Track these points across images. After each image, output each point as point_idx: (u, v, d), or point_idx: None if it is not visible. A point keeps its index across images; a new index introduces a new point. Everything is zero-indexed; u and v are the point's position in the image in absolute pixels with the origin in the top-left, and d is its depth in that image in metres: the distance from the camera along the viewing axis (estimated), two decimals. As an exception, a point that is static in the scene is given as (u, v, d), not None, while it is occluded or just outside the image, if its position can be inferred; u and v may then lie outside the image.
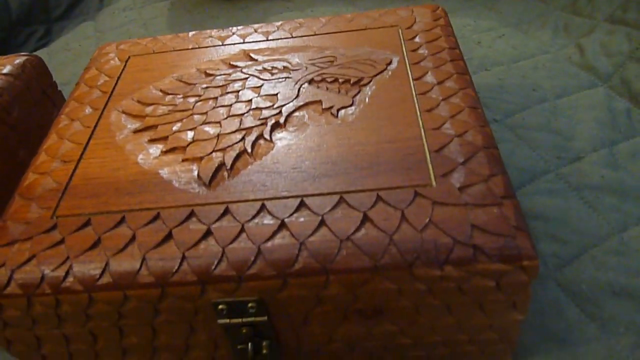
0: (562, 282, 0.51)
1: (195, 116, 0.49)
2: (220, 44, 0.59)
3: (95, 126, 0.50)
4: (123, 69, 0.57)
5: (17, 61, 0.66)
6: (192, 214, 0.40)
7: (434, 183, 0.39)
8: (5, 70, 0.64)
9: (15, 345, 0.43)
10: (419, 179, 0.40)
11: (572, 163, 0.63)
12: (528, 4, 0.96)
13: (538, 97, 0.73)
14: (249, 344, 0.41)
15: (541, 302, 0.50)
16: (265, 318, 0.39)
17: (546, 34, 0.87)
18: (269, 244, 0.37)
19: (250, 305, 0.38)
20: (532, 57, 0.81)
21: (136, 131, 0.49)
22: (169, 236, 0.39)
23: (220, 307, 0.38)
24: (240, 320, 0.39)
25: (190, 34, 0.62)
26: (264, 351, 0.41)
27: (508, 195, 0.38)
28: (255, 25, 0.62)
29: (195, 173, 0.43)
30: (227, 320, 0.39)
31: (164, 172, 0.44)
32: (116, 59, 0.59)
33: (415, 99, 0.47)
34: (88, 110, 0.53)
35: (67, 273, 0.38)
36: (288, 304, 0.38)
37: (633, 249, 0.53)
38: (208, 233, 0.39)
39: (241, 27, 0.62)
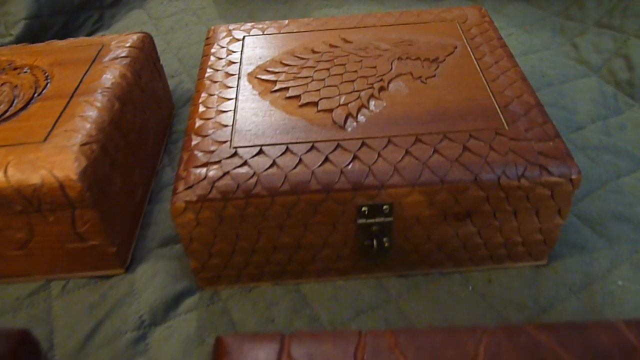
0: (577, 212, 0.70)
1: (315, 82, 0.65)
2: (317, 29, 0.75)
3: (237, 86, 0.65)
4: (243, 46, 0.73)
5: (136, 37, 0.80)
6: (338, 145, 0.56)
7: (506, 127, 0.57)
8: (129, 44, 0.78)
9: (193, 244, 0.58)
10: (496, 125, 0.57)
11: (576, 131, 0.82)
12: (529, 9, 1.16)
13: (546, 82, 0.92)
14: (374, 241, 0.57)
15: (564, 229, 0.68)
16: (392, 219, 0.56)
17: (546, 34, 1.07)
18: (401, 164, 0.54)
19: (384, 207, 0.54)
20: (537, 52, 1.01)
21: (272, 91, 0.64)
22: (326, 159, 0.55)
23: (363, 208, 0.54)
24: (374, 220, 0.55)
25: (286, 21, 0.78)
26: (386, 245, 0.57)
27: (557, 135, 0.56)
28: (340, 17, 0.78)
29: (331, 120, 0.59)
30: (364, 220, 0.55)
31: (305, 119, 0.60)
32: (232, 38, 0.75)
33: (481, 72, 0.65)
34: (224, 75, 0.68)
35: (256, 183, 0.54)
36: (410, 207, 0.55)
37: (626, 190, 0.72)
38: (355, 157, 0.55)
39: (329, 17, 0.78)
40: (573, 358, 0.38)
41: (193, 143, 0.59)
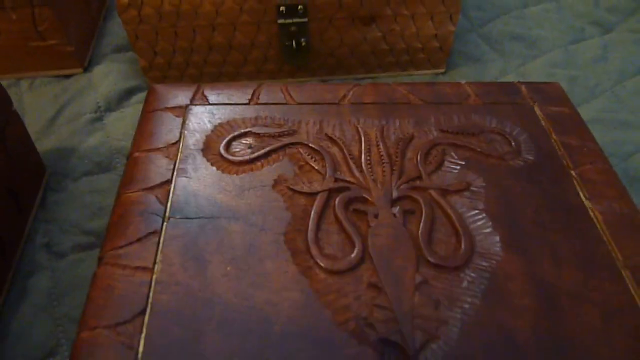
0: (481, 33, 0.80)
1: None
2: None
3: None
4: None
5: None
6: (261, -48, 0.64)
7: None
8: None
9: (139, 41, 0.68)
10: None
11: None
12: None
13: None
14: (293, 41, 0.68)
15: (465, 46, 0.79)
16: (306, 19, 0.65)
17: None
18: (313, -33, 0.62)
19: (299, 7, 0.64)
20: None
21: None
22: (249, -38, 0.63)
23: (281, 8, 0.64)
24: (292, 20, 0.65)
25: None
26: (303, 44, 0.68)
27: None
28: None
29: None
30: (284, 20, 0.65)
31: None
32: None
33: None
34: None
35: (187, -19, 0.62)
36: (321, 9, 0.64)
37: (529, 17, 0.83)
38: (274, -39, 0.63)
39: None
40: (418, 99, 0.50)
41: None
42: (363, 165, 0.43)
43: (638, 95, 0.73)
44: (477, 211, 0.41)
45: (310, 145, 0.45)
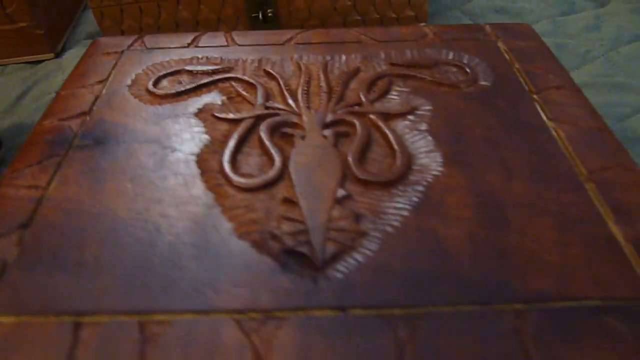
0: (464, 10, 0.77)
1: None
2: None
3: None
4: None
5: None
6: None
7: None
8: None
9: (105, 20, 0.67)
10: None
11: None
12: None
13: None
14: (260, 13, 0.65)
15: (448, 22, 0.76)
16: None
17: None
18: None
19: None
20: None
21: None
22: None
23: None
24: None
25: None
26: (269, 15, 0.65)
27: None
28: None
29: None
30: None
31: None
32: None
33: None
34: None
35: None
36: (284, -25, 0.62)
37: (511, -8, 0.79)
38: None
39: None
40: (371, 39, 0.47)
41: None
42: (299, 95, 0.40)
43: (634, 60, 0.68)
44: (419, 132, 0.36)
45: (245, 78, 0.42)
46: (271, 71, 0.42)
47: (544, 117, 0.37)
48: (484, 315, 0.25)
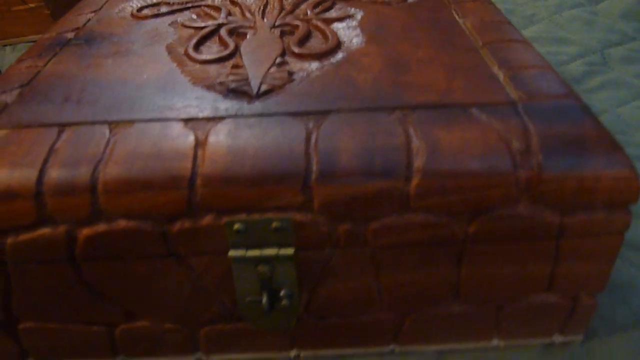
0: None
1: None
2: None
3: None
4: None
5: None
6: None
7: None
8: None
9: None
10: None
11: None
12: None
13: None
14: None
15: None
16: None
17: None
18: None
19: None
20: None
21: None
22: None
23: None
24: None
25: None
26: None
27: None
28: None
29: None
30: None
31: None
32: None
33: None
34: None
35: None
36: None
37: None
38: None
39: None
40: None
41: None
42: (255, 12, 0.47)
43: (575, 22, 0.75)
44: (351, 27, 0.43)
45: (212, 4, 0.50)
46: (236, 0, 0.50)
47: (456, 16, 0.44)
48: (376, 114, 0.31)
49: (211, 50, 0.41)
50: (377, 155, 0.29)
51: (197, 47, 0.41)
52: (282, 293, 0.32)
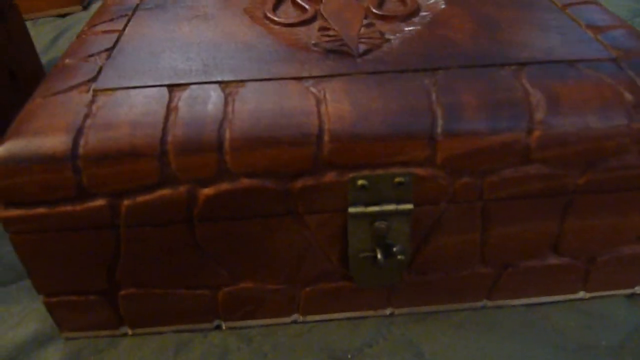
0: None
1: None
2: None
3: None
4: None
5: None
6: None
7: None
8: None
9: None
10: None
11: None
12: None
13: None
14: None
15: None
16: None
17: None
18: None
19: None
20: None
21: None
22: None
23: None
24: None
25: None
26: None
27: None
28: None
29: None
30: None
31: None
32: None
33: None
34: None
35: None
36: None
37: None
38: None
39: None
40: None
41: None
42: None
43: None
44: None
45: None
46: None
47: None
48: (487, 70, 0.32)
49: (291, 14, 0.40)
50: (501, 109, 0.29)
51: (274, 11, 0.41)
52: (395, 249, 0.32)
